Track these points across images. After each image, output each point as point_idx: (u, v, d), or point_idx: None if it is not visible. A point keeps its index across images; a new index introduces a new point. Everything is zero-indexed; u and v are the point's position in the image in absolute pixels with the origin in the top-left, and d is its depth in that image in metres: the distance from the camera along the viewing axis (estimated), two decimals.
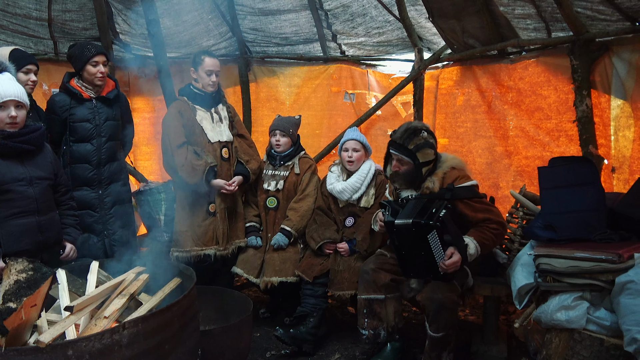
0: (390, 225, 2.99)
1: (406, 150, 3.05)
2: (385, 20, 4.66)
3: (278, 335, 3.41)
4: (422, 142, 3.06)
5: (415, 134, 3.07)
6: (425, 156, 3.07)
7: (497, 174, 4.26)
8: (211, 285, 3.50)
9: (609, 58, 3.46)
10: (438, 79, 4.70)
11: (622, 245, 2.65)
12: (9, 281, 1.95)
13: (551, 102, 3.85)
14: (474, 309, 4.26)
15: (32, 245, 2.67)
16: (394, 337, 3.20)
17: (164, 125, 3.71)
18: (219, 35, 5.27)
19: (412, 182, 3.13)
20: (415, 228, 2.83)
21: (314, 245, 3.67)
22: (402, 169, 3.13)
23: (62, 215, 2.98)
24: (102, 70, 3.36)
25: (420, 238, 2.86)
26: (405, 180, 3.13)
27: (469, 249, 2.91)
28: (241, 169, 3.82)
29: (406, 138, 3.07)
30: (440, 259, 2.88)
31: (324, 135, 5.28)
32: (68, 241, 2.97)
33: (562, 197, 2.99)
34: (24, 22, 4.59)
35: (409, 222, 2.86)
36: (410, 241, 2.95)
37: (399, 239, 3.01)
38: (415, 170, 3.07)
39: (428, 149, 3.07)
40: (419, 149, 3.05)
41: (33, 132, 2.71)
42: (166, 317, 2.04)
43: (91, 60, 3.33)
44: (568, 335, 2.61)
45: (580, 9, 3.37)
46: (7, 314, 1.81)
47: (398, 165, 3.14)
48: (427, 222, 2.78)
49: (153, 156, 5.52)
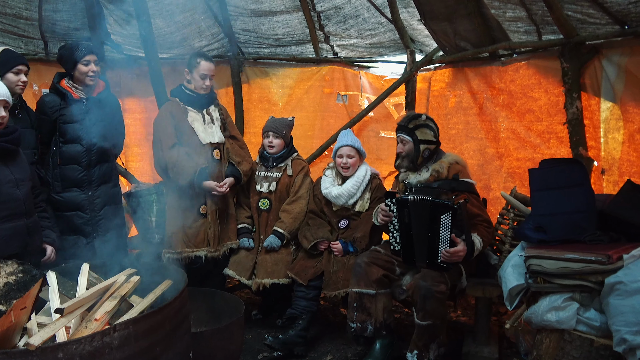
0: (402, 202, 3.13)
1: (406, 129, 3.34)
2: (378, 22, 4.67)
3: (268, 343, 3.42)
4: (421, 123, 3.35)
5: (415, 117, 3.39)
6: (424, 134, 3.32)
7: (488, 176, 4.28)
8: (202, 287, 3.49)
9: (599, 61, 3.49)
10: (430, 80, 4.72)
11: (611, 246, 2.68)
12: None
13: (542, 104, 3.87)
14: (465, 310, 4.28)
15: (21, 249, 2.63)
16: (381, 334, 3.21)
17: (155, 126, 3.70)
18: (211, 36, 5.26)
19: (414, 159, 3.32)
20: (433, 205, 2.98)
21: (307, 244, 3.67)
22: (405, 149, 3.36)
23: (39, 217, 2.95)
24: (93, 69, 3.35)
25: (433, 218, 2.99)
26: (408, 159, 3.35)
27: (475, 245, 3.04)
28: (233, 170, 3.81)
29: (407, 120, 3.39)
30: (445, 245, 2.99)
31: (316, 137, 5.27)
32: (47, 243, 2.94)
33: (552, 199, 3.02)
34: (14, 21, 4.56)
35: (427, 199, 3.00)
36: (421, 219, 3.05)
37: (409, 217, 3.13)
38: (415, 147, 3.30)
39: (426, 129, 3.34)
40: (417, 127, 3.33)
41: (14, 132, 2.67)
42: (157, 319, 2.03)
43: (82, 59, 3.31)
44: (558, 335, 2.63)
45: (571, 12, 3.39)
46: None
47: (401, 146, 3.39)
48: (445, 202, 2.94)
49: (144, 157, 5.49)
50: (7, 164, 2.65)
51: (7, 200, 2.60)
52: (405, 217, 3.14)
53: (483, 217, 3.21)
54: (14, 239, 2.62)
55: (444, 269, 3.04)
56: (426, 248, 3.07)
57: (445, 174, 3.24)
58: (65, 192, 3.39)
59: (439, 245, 3.01)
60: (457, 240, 2.97)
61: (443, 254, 2.99)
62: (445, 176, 3.24)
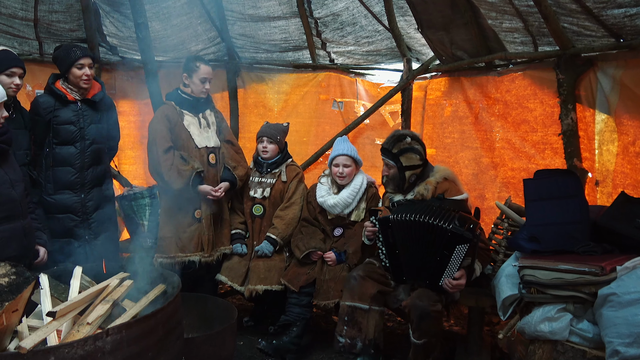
0: (384, 222, 3.06)
1: (390, 154, 3.23)
2: (375, 30, 4.69)
3: (261, 347, 3.40)
4: (405, 147, 3.22)
5: (399, 139, 3.24)
6: (409, 160, 3.21)
7: (483, 185, 4.30)
8: (194, 292, 3.46)
9: (594, 73, 3.52)
10: (426, 89, 4.74)
11: (604, 257, 2.68)
12: None
13: (537, 115, 3.89)
14: (458, 320, 4.27)
15: (19, 251, 2.58)
16: (369, 352, 3.12)
17: (151, 130, 3.67)
18: (208, 40, 5.25)
19: (400, 185, 3.24)
20: (451, 234, 2.86)
21: (299, 254, 3.64)
22: (390, 173, 3.28)
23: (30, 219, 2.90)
24: (87, 73, 3.32)
25: (446, 245, 2.90)
26: (393, 183, 3.27)
27: (475, 272, 3.00)
28: (228, 175, 3.79)
29: (391, 143, 3.25)
30: (451, 274, 2.94)
31: (311, 143, 5.27)
32: (40, 244, 2.89)
33: (546, 209, 3.02)
34: (9, 21, 4.53)
35: (445, 227, 2.86)
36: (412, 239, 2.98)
37: (393, 237, 3.05)
38: (399, 174, 3.21)
39: (412, 154, 3.21)
40: (402, 152, 3.21)
41: (7, 132, 2.63)
42: (150, 324, 2.02)
43: (76, 62, 3.29)
44: (551, 346, 2.63)
45: (567, 24, 3.42)
46: None
47: (387, 169, 3.30)
48: (465, 234, 2.83)
49: (138, 160, 5.46)
50: (1, 165, 2.61)
51: (5, 202, 2.56)
52: (389, 237, 3.09)
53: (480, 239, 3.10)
54: (12, 240, 2.58)
55: (440, 291, 3.02)
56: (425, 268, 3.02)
57: (429, 197, 3.16)
58: (57, 194, 3.36)
59: (445, 272, 2.96)
60: (459, 275, 2.93)
61: (446, 283, 2.96)
62: (429, 198, 3.16)
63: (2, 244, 2.53)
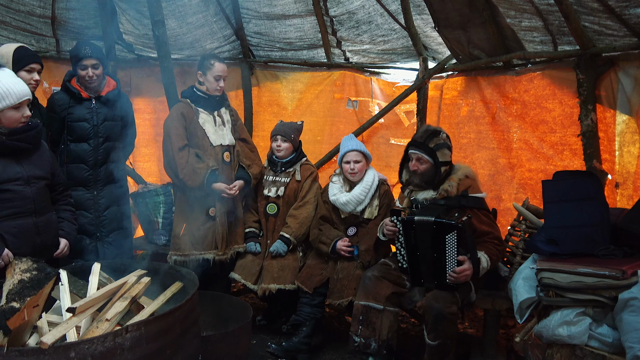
0: (408, 223, 3.05)
1: (427, 149, 3.17)
2: (391, 29, 4.66)
3: (271, 351, 3.40)
4: (441, 143, 3.20)
5: (435, 134, 3.22)
6: (444, 156, 3.19)
7: (499, 186, 4.25)
8: (208, 290, 3.46)
9: (615, 73, 3.46)
10: (442, 88, 4.69)
11: (625, 261, 2.64)
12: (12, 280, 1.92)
13: (556, 115, 3.84)
14: (472, 322, 4.23)
15: (29, 249, 2.58)
16: (382, 353, 3.12)
17: (166, 127, 3.68)
18: (223, 38, 5.26)
19: (430, 181, 3.21)
20: (437, 226, 2.90)
21: (327, 249, 3.60)
22: (421, 168, 3.22)
23: (59, 210, 2.91)
24: (89, 74, 3.33)
25: (438, 238, 2.92)
26: (423, 179, 3.23)
27: (482, 263, 2.97)
28: (242, 173, 3.79)
29: (427, 137, 3.20)
30: (452, 265, 2.93)
31: (325, 142, 5.25)
32: (61, 236, 2.88)
33: (565, 211, 2.98)
34: (27, 19, 4.56)
35: (430, 220, 2.92)
36: (427, 241, 2.99)
37: (415, 238, 3.05)
38: (434, 169, 3.18)
39: (446, 150, 3.21)
40: (438, 148, 3.17)
41: (30, 129, 2.64)
42: (169, 321, 2.02)
43: (80, 63, 3.32)
44: (569, 351, 2.59)
45: (588, 23, 3.37)
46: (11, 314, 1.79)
47: (417, 164, 3.23)
48: (449, 221, 2.86)
49: (152, 158, 5.49)
50: (19, 161, 2.62)
51: (14, 198, 2.57)
52: (411, 238, 3.08)
53: (493, 234, 3.12)
54: (22, 237, 2.59)
55: (452, 289, 3.00)
56: (432, 269, 3.01)
57: (454, 193, 3.15)
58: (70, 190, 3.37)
59: (446, 266, 2.96)
60: (463, 259, 2.92)
61: (450, 275, 2.94)
62: (454, 194, 3.15)
63: (11, 240, 2.55)
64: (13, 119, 2.53)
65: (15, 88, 2.52)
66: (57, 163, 2.99)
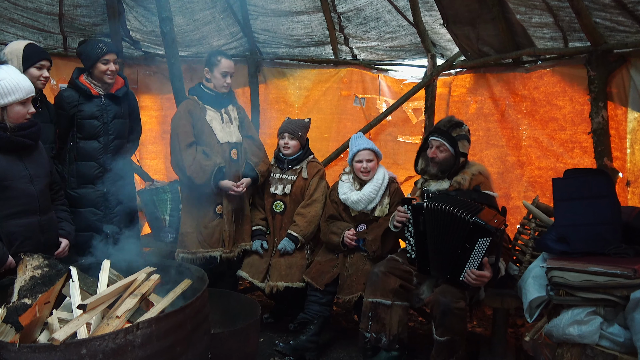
0: (417, 208, 3.07)
1: (449, 137, 3.23)
2: (399, 25, 4.64)
3: (279, 349, 3.39)
4: (463, 134, 3.27)
5: (458, 125, 3.29)
6: (463, 147, 3.26)
7: (508, 184, 4.22)
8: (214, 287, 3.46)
9: (627, 70, 3.43)
10: (450, 85, 4.66)
11: (637, 260, 2.61)
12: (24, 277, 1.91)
13: (566, 112, 3.81)
14: (480, 321, 4.21)
15: (34, 247, 2.56)
16: (394, 347, 3.12)
17: (173, 124, 3.67)
18: (230, 35, 5.24)
19: (447, 170, 3.26)
20: (473, 226, 2.85)
21: (338, 239, 3.60)
22: (440, 157, 3.27)
23: (57, 209, 2.91)
24: (112, 68, 3.34)
25: (469, 238, 2.88)
26: (441, 167, 3.27)
27: (500, 271, 2.99)
28: (250, 170, 3.77)
29: (450, 127, 3.27)
30: (473, 266, 2.91)
31: (332, 139, 5.23)
32: (62, 236, 2.88)
33: (576, 210, 2.95)
34: (34, 15, 4.57)
35: (467, 219, 2.86)
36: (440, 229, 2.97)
37: (424, 225, 3.06)
38: (453, 159, 3.23)
39: (466, 142, 3.28)
40: (460, 138, 3.24)
41: (32, 126, 2.64)
42: (179, 318, 2.02)
43: (102, 58, 3.31)
44: (580, 350, 2.57)
45: (599, 19, 3.34)
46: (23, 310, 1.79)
47: (436, 152, 3.28)
48: (488, 226, 2.82)
49: (159, 155, 5.49)
50: (22, 159, 2.62)
51: (20, 196, 2.57)
52: (420, 224, 3.09)
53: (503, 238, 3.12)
54: (26, 235, 2.59)
55: (462, 287, 2.98)
56: (448, 261, 2.99)
57: (466, 186, 3.19)
58: (80, 188, 3.38)
59: (467, 265, 2.93)
60: (486, 265, 2.90)
61: (468, 274, 2.92)
62: (466, 188, 3.18)
63: (14, 238, 2.54)
64: (19, 114, 2.53)
65: (24, 83, 2.54)
66: (52, 162, 2.98)
